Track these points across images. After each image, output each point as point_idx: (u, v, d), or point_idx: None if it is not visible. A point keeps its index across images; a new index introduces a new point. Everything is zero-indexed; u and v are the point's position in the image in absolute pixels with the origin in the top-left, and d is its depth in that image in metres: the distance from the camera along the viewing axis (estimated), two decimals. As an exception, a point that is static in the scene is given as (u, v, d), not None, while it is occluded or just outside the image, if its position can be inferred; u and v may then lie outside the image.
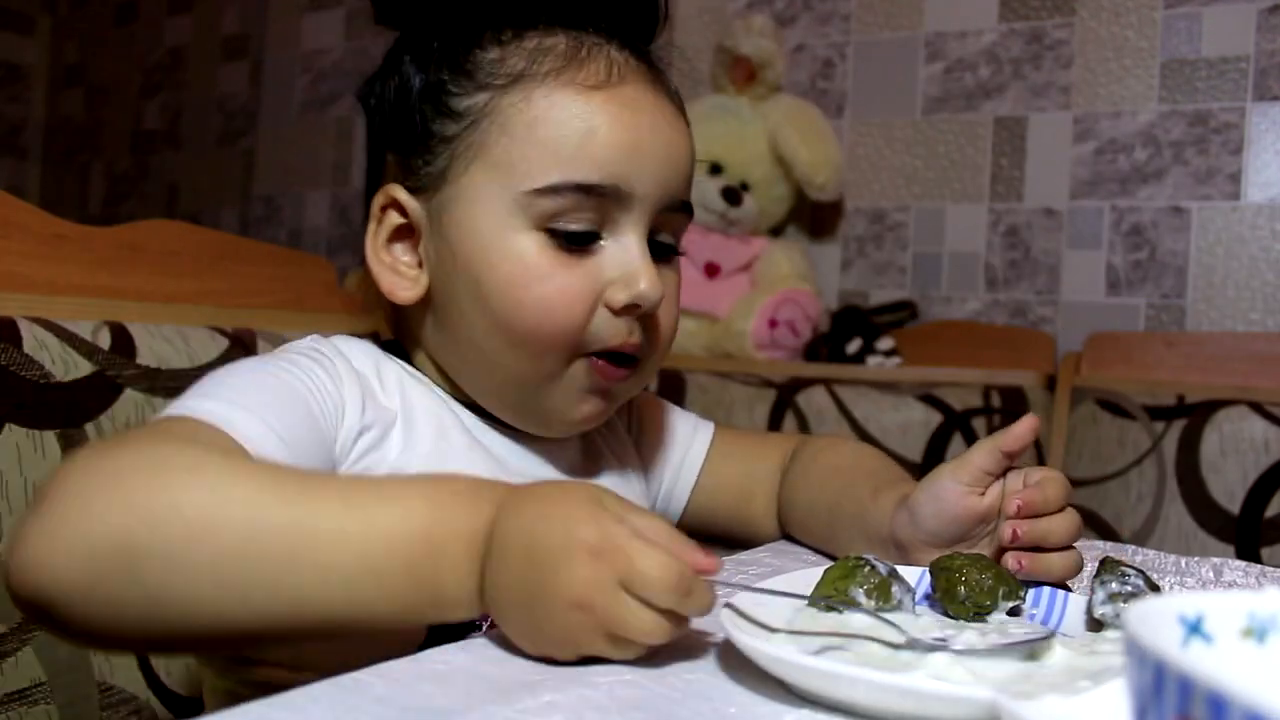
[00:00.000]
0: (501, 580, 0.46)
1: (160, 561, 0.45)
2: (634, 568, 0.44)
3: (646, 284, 0.64)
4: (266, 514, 0.46)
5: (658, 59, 0.70)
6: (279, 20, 2.49)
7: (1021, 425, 0.63)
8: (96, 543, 0.45)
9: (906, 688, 0.39)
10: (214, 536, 0.46)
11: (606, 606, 0.44)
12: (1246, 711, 0.22)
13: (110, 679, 0.80)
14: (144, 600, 0.45)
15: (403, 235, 0.68)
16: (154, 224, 1.01)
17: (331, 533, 0.46)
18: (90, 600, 0.45)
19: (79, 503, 0.46)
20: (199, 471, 0.48)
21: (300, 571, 0.46)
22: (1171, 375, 1.48)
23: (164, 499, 0.46)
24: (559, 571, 0.44)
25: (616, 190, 0.63)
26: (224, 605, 0.46)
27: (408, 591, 0.46)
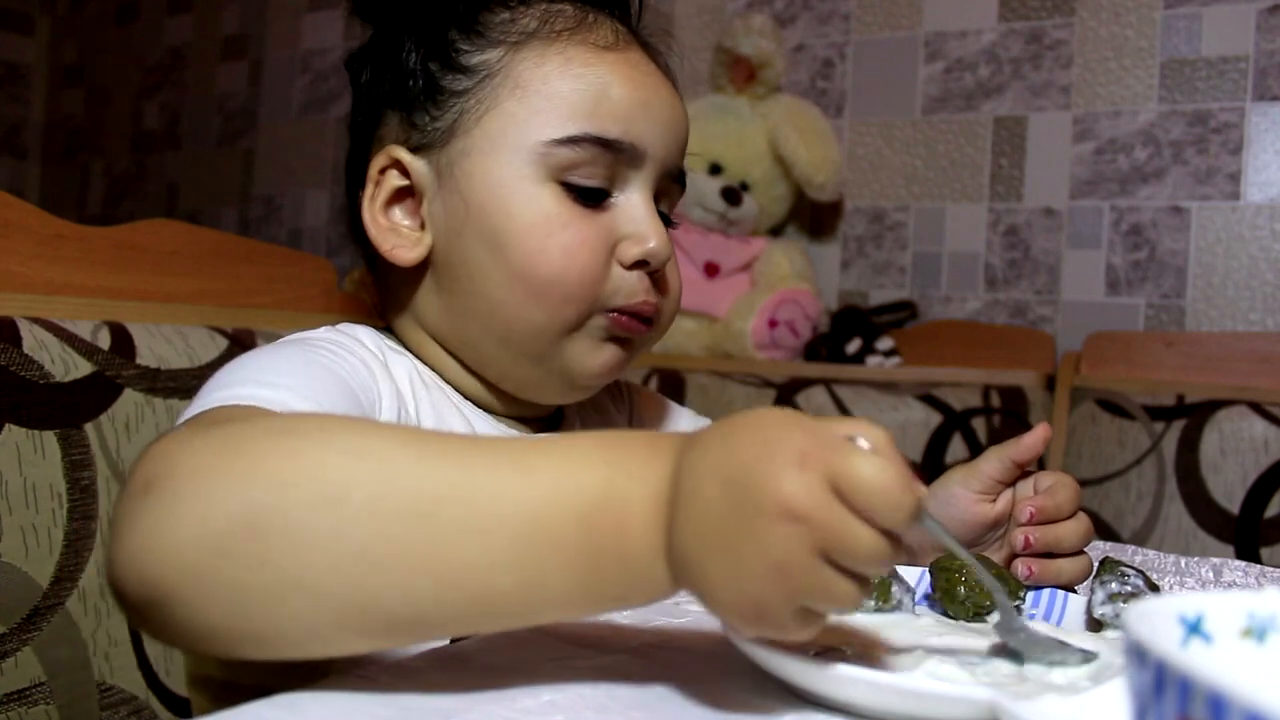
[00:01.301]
0: (693, 520, 0.38)
1: (289, 533, 0.39)
2: (849, 470, 0.37)
3: (657, 241, 0.65)
4: (413, 472, 0.40)
5: (648, 36, 0.71)
6: (279, 20, 2.49)
7: (1033, 436, 0.64)
8: (219, 519, 0.39)
9: (906, 688, 0.39)
10: (352, 499, 0.39)
11: (825, 514, 0.36)
12: (1246, 711, 0.22)
13: (110, 679, 0.80)
14: (271, 582, 0.39)
15: (401, 198, 0.67)
16: (154, 224, 1.01)
17: (493, 490, 0.39)
18: (212, 589, 0.39)
19: (195, 478, 0.41)
20: (328, 430, 0.42)
21: (457, 537, 0.39)
22: (1171, 375, 1.48)
23: (292, 461, 0.40)
24: (765, 480, 0.37)
25: (631, 147, 0.64)
26: (362, 583, 0.39)
27: (586, 554, 0.39)
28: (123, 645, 0.81)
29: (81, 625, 0.78)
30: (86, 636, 0.79)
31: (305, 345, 0.61)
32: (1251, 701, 0.22)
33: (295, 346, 0.61)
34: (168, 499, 0.40)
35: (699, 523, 0.38)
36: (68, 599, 0.77)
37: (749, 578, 0.37)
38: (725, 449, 0.39)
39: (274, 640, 0.40)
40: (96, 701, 0.79)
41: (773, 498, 0.37)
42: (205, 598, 0.39)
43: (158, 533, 0.40)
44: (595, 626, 0.51)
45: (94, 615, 0.79)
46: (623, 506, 0.39)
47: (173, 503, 0.40)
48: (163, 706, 0.83)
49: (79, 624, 0.78)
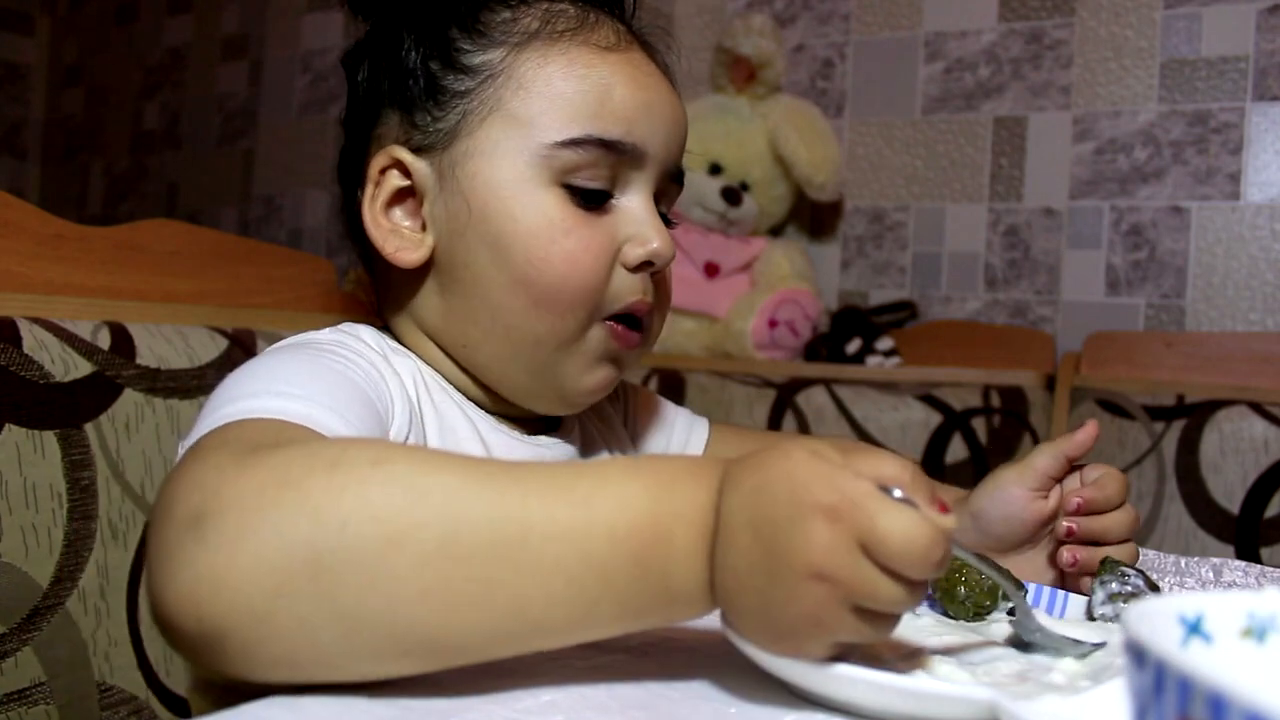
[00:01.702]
0: (730, 562, 0.40)
1: (354, 571, 0.39)
2: (876, 532, 0.38)
3: (660, 242, 0.65)
4: (471, 509, 0.41)
5: (649, 35, 0.71)
6: (279, 20, 2.49)
7: (1085, 432, 0.65)
8: (278, 557, 0.39)
9: (907, 688, 0.39)
10: (414, 537, 0.40)
11: (851, 574, 0.38)
12: (1246, 711, 0.22)
13: (110, 679, 0.80)
14: (335, 619, 0.39)
15: (402, 199, 0.67)
16: (154, 224, 1.01)
17: (547, 525, 0.41)
18: (273, 627, 0.39)
19: (248, 515, 0.40)
20: (384, 464, 0.42)
21: (515, 572, 0.40)
22: (1171, 375, 1.48)
23: (351, 498, 0.40)
24: (792, 539, 0.38)
25: (634, 148, 0.64)
26: (426, 616, 0.40)
27: (635, 587, 0.41)
28: (123, 645, 0.81)
29: (81, 625, 0.78)
30: (86, 636, 0.79)
31: (316, 350, 0.60)
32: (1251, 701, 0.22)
33: (306, 352, 0.60)
34: (223, 536, 0.40)
35: (734, 567, 0.40)
36: (68, 599, 0.77)
37: (783, 626, 0.40)
38: (756, 497, 0.40)
39: (329, 672, 0.41)
40: (96, 701, 0.79)
41: (801, 559, 0.38)
42: (268, 636, 0.40)
43: (215, 571, 0.40)
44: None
45: (94, 615, 0.79)
46: (669, 542, 0.41)
47: (229, 540, 0.40)
48: (163, 706, 0.83)
49: (79, 624, 0.78)
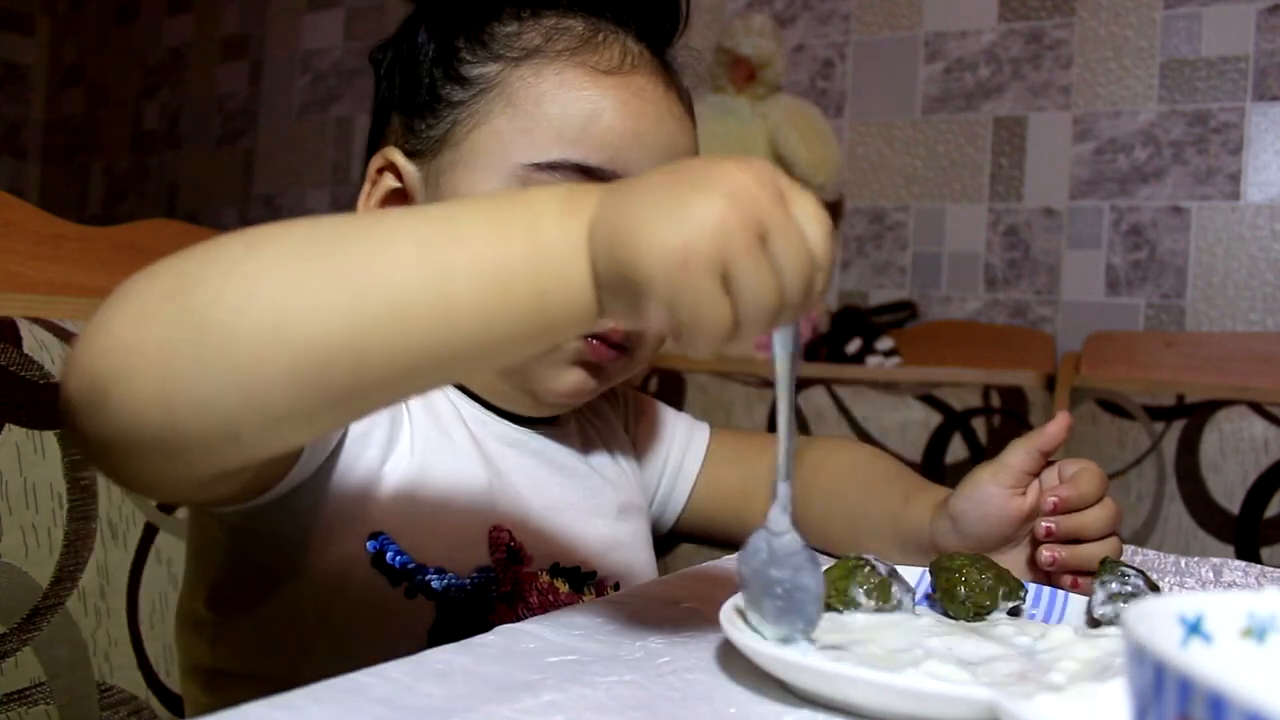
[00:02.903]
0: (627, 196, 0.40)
1: (213, 277, 0.39)
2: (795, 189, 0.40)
3: None
4: (331, 221, 0.41)
5: (672, 58, 0.70)
6: (279, 20, 2.49)
7: (1056, 424, 0.64)
8: (152, 293, 0.40)
9: (906, 688, 0.39)
10: (274, 240, 0.41)
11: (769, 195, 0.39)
12: (1246, 711, 0.22)
13: (110, 679, 0.80)
14: (194, 330, 0.39)
15: (396, 200, 0.67)
16: (154, 224, 1.01)
17: (401, 215, 0.42)
18: (141, 356, 0.39)
19: (141, 278, 0.42)
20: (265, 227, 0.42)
21: (374, 251, 0.39)
22: (1171, 375, 1.48)
23: (222, 238, 0.41)
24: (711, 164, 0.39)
25: (615, 176, 0.63)
26: (281, 308, 0.39)
27: (498, 248, 0.39)
28: (123, 645, 0.81)
29: (81, 625, 0.78)
30: (86, 636, 0.79)
31: None
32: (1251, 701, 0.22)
33: None
34: (112, 299, 0.42)
35: (635, 192, 0.39)
36: (68, 599, 0.77)
37: (685, 221, 0.38)
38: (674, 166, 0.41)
39: (201, 423, 0.40)
40: (96, 701, 0.79)
41: (721, 169, 0.39)
42: (139, 367, 0.39)
43: (100, 324, 0.41)
44: (597, 628, 0.51)
45: (94, 615, 0.79)
46: (529, 200, 0.41)
47: (115, 299, 0.41)
48: (163, 706, 0.83)
49: (79, 624, 0.78)
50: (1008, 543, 0.65)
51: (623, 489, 0.75)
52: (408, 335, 0.39)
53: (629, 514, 0.74)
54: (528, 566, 0.64)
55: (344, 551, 0.59)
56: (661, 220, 0.38)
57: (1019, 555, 0.66)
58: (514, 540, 0.64)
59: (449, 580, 0.61)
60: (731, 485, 0.84)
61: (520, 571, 0.64)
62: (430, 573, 0.61)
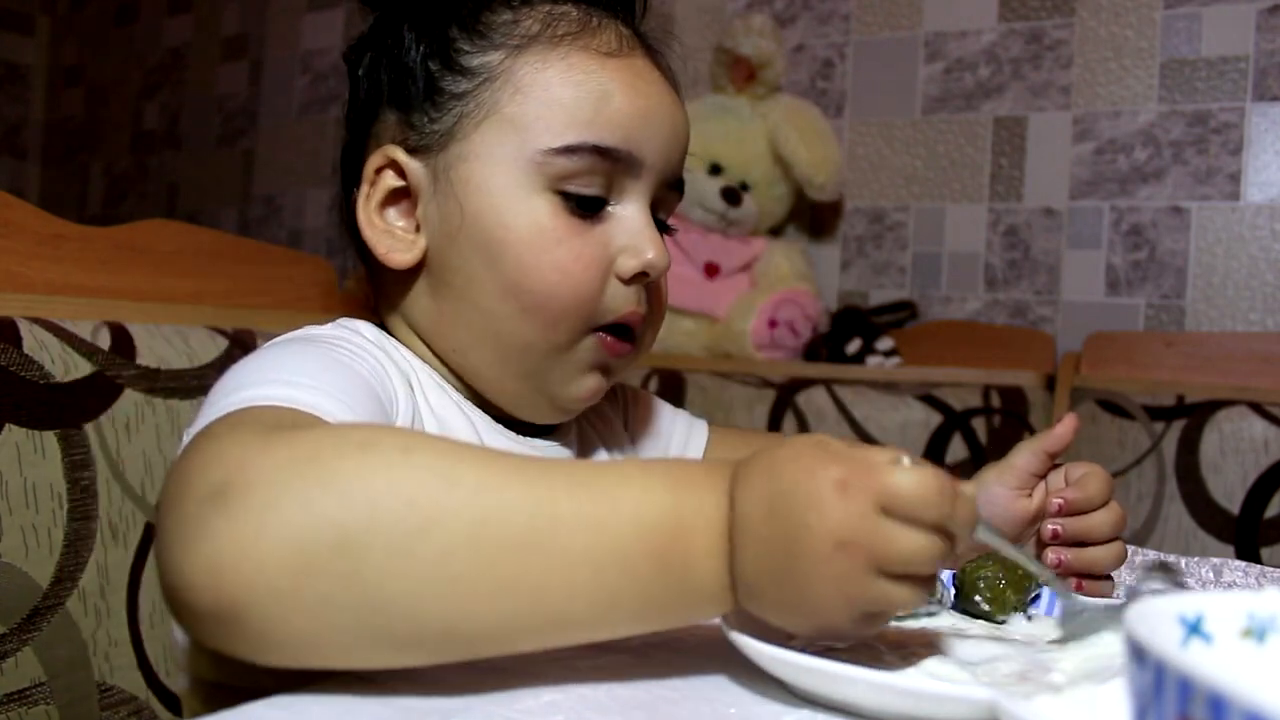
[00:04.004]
0: (751, 553, 0.41)
1: (380, 555, 0.39)
2: (889, 488, 0.39)
3: (655, 252, 0.64)
4: (501, 498, 0.41)
5: (654, 40, 0.70)
6: (279, 20, 2.49)
7: (1063, 426, 0.64)
8: (305, 534, 0.39)
9: (906, 688, 0.39)
10: (443, 524, 0.40)
11: (872, 536, 0.39)
12: (1246, 711, 0.22)
13: (110, 679, 0.80)
14: (357, 601, 0.39)
15: (397, 199, 0.66)
16: (154, 224, 1.01)
17: (573, 517, 0.41)
18: (295, 604, 0.39)
19: (277, 490, 0.40)
20: (415, 451, 0.42)
21: (540, 561, 0.40)
22: (1171, 375, 1.48)
23: (382, 481, 0.40)
24: (809, 517, 0.40)
25: (630, 156, 0.63)
26: (448, 604, 0.40)
27: (656, 580, 0.41)
28: (123, 645, 0.81)
29: (81, 625, 0.78)
30: (86, 636, 0.79)
31: (318, 343, 0.60)
32: (1251, 701, 0.22)
33: (310, 345, 0.60)
34: (248, 509, 0.40)
35: (756, 553, 0.41)
36: (68, 599, 0.77)
37: (813, 606, 0.40)
38: (768, 486, 0.41)
39: (343, 656, 0.41)
40: (96, 701, 0.79)
41: (819, 531, 0.39)
42: (288, 614, 0.39)
43: (239, 545, 0.39)
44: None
45: (94, 615, 0.79)
46: (689, 538, 0.42)
47: (255, 513, 0.40)
48: (163, 706, 0.83)
49: (79, 624, 0.78)
50: (1014, 543, 0.65)
51: None
52: (554, 638, 0.42)
53: None
54: None
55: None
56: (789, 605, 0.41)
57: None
58: None
59: None
60: None
61: None
62: None
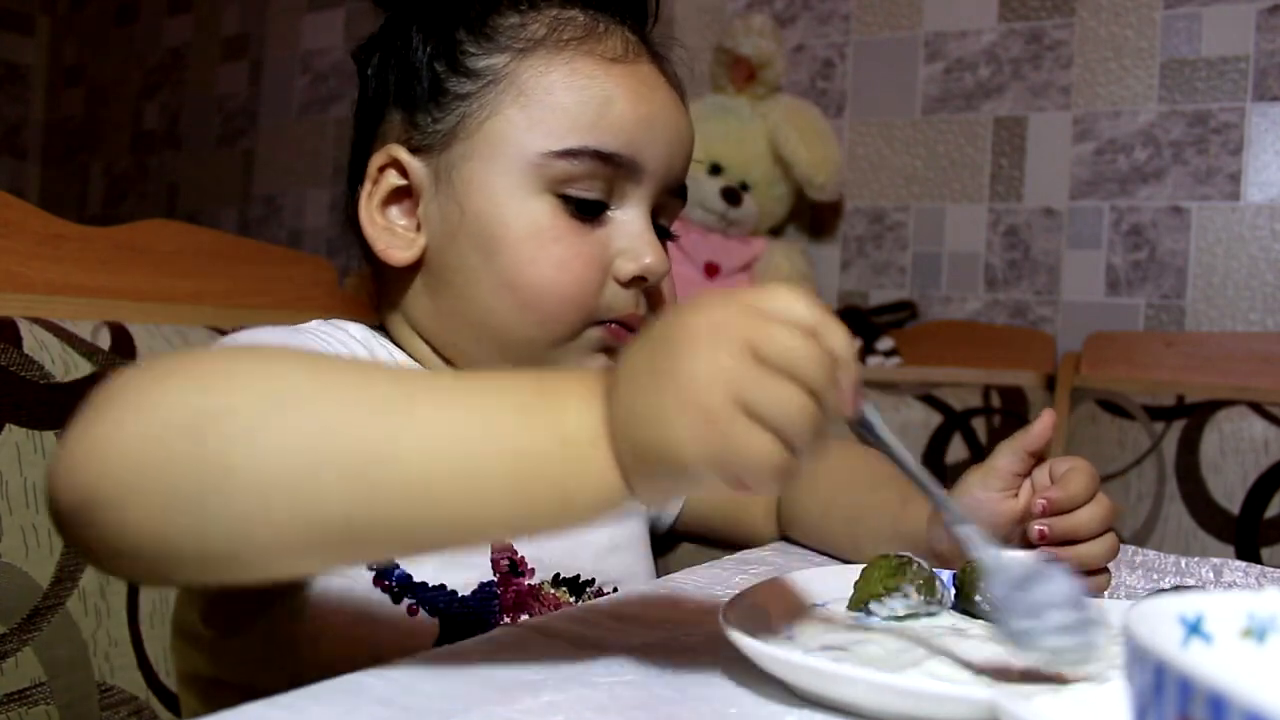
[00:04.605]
0: (625, 382, 0.40)
1: (232, 427, 0.39)
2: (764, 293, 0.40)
3: (653, 257, 0.64)
4: (363, 376, 0.41)
5: (660, 46, 0.70)
6: (279, 20, 2.49)
7: (1041, 424, 0.64)
8: (160, 420, 0.39)
9: (906, 688, 0.39)
10: (299, 401, 0.40)
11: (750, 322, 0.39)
12: (1246, 711, 0.22)
13: (110, 679, 0.80)
14: (205, 480, 0.39)
15: (399, 198, 0.67)
16: (154, 224, 1.01)
17: (432, 388, 0.41)
18: (142, 492, 0.39)
19: (142, 389, 0.41)
20: (288, 350, 0.43)
21: (401, 425, 0.40)
22: (1171, 375, 1.48)
23: (247, 370, 0.41)
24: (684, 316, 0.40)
25: (631, 162, 0.64)
26: (300, 474, 0.39)
27: (520, 431, 0.40)
28: (123, 645, 0.81)
29: (81, 625, 0.78)
30: (86, 636, 0.79)
31: (295, 330, 0.62)
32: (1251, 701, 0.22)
33: (282, 328, 0.62)
34: (113, 409, 0.41)
35: (630, 378, 0.40)
36: (68, 599, 0.77)
37: (685, 375, 0.38)
38: (662, 328, 0.41)
39: (192, 548, 0.40)
40: (96, 702, 0.79)
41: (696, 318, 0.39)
42: (136, 503, 0.39)
43: (98, 439, 0.40)
44: (597, 628, 0.51)
45: (94, 615, 0.79)
46: (556, 391, 0.41)
47: (117, 410, 0.41)
48: (163, 706, 0.83)
49: (79, 624, 0.78)
50: (1005, 544, 0.65)
51: None
52: (422, 516, 0.40)
53: (627, 516, 0.74)
54: (529, 579, 0.64)
55: (344, 569, 0.59)
56: (666, 398, 0.39)
57: None
58: (515, 554, 0.64)
59: (451, 596, 0.61)
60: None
61: (522, 584, 0.64)
62: (432, 589, 0.60)
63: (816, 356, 0.39)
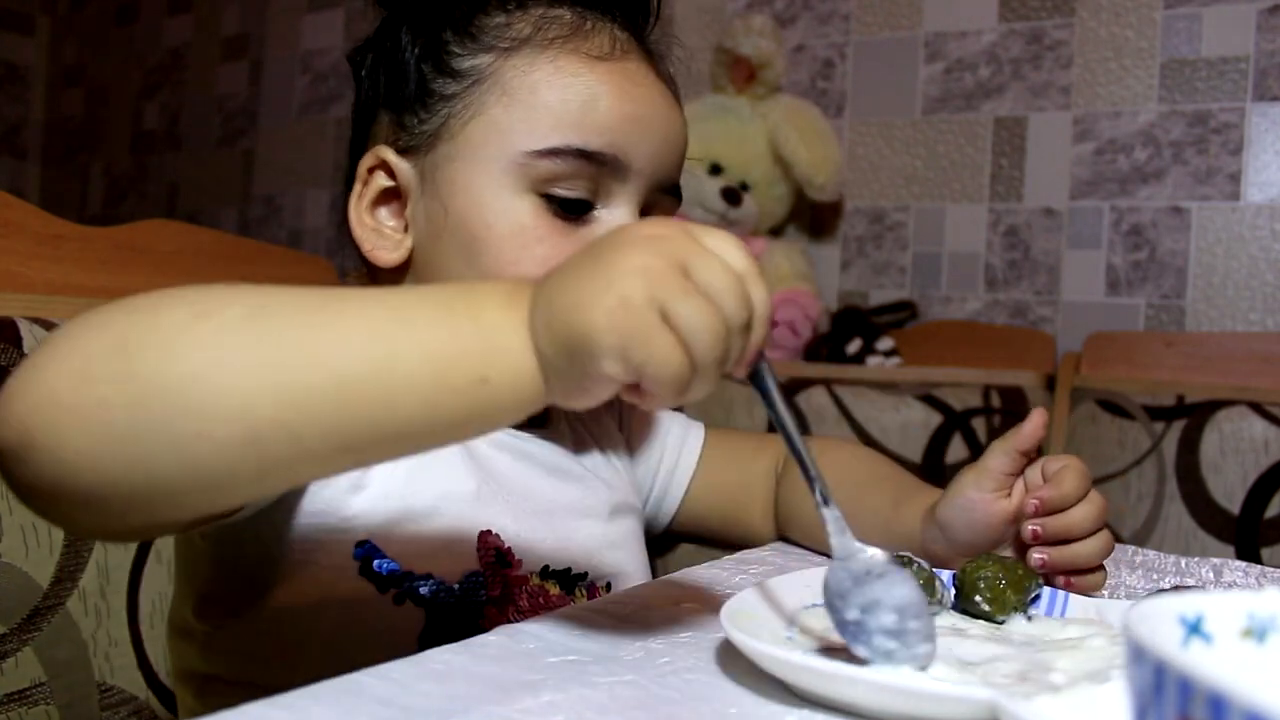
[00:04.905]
0: (552, 281, 0.41)
1: (157, 343, 0.39)
2: (695, 225, 0.42)
3: None
4: (280, 294, 0.42)
5: (654, 43, 0.70)
6: (279, 20, 2.49)
7: (1032, 423, 0.64)
8: (88, 348, 0.40)
9: (906, 688, 0.39)
10: (223, 312, 0.40)
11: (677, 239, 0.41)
12: (1246, 711, 0.22)
13: (110, 679, 0.80)
14: (133, 392, 0.39)
15: (388, 199, 0.67)
16: (154, 224, 1.01)
17: (349, 297, 0.42)
18: (76, 414, 0.39)
19: (77, 327, 0.41)
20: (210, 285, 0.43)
21: (325, 328, 0.40)
22: (1171, 375, 1.48)
23: (171, 293, 0.41)
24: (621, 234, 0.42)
25: (615, 160, 0.63)
26: (227, 378, 0.39)
27: (440, 326, 0.41)
28: (123, 645, 0.81)
29: (81, 625, 0.78)
30: (86, 636, 0.79)
31: None
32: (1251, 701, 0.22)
33: None
34: (47, 345, 0.41)
35: (561, 274, 0.41)
36: (68, 599, 0.77)
37: (608, 267, 0.40)
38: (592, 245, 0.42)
39: (130, 468, 0.39)
40: (96, 702, 0.79)
41: (629, 231, 0.41)
42: (71, 426, 0.39)
43: (31, 375, 0.40)
44: (597, 629, 0.51)
45: (94, 615, 0.79)
46: (474, 291, 0.42)
47: (50, 346, 0.41)
48: (162, 707, 0.83)
49: (79, 624, 0.78)
50: (998, 545, 0.65)
51: (616, 488, 0.75)
52: (349, 415, 0.40)
53: (622, 513, 0.74)
54: (516, 570, 0.64)
55: (330, 560, 0.59)
56: (592, 284, 0.40)
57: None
58: (502, 544, 0.64)
59: (437, 586, 0.61)
60: (726, 486, 0.83)
61: (509, 575, 0.64)
62: (418, 579, 0.60)
63: (739, 296, 0.40)
